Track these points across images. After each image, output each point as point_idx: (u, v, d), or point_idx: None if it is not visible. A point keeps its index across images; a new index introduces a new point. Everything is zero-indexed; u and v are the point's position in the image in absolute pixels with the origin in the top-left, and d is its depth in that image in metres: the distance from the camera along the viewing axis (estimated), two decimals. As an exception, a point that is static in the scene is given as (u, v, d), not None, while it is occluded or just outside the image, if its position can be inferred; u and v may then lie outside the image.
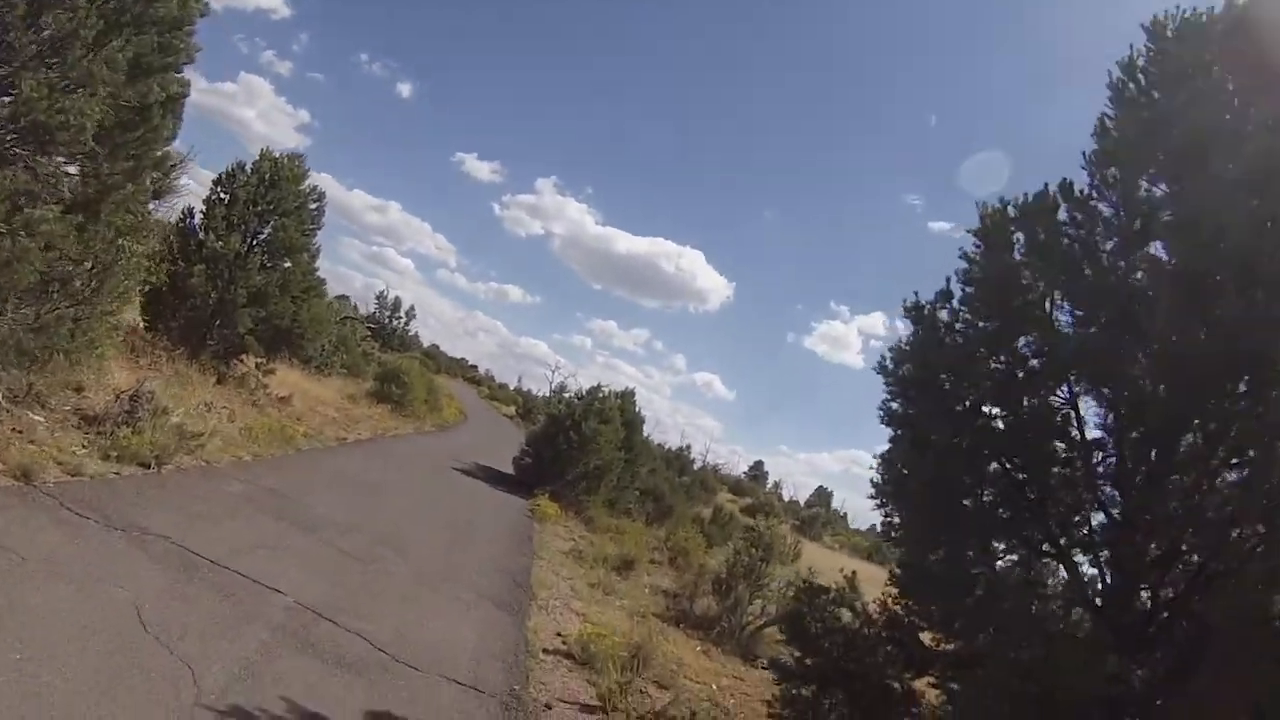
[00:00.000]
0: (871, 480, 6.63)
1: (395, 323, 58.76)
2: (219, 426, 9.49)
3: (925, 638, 6.33)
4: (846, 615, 6.36)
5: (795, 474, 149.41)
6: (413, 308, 61.68)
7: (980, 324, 6.19)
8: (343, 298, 41.57)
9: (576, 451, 17.18)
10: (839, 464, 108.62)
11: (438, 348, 77.86)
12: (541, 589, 8.77)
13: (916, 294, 6.36)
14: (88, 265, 7.02)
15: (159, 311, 13.31)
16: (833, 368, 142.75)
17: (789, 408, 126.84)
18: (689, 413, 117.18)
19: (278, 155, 14.52)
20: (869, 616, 6.45)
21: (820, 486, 62.26)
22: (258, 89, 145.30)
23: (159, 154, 6.98)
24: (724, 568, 11.57)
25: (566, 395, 19.87)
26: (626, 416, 18.99)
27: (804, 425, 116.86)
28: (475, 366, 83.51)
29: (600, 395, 18.74)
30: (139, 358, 11.74)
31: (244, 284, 13.22)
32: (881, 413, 6.46)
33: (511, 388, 71.30)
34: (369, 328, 38.38)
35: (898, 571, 6.46)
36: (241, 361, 14.59)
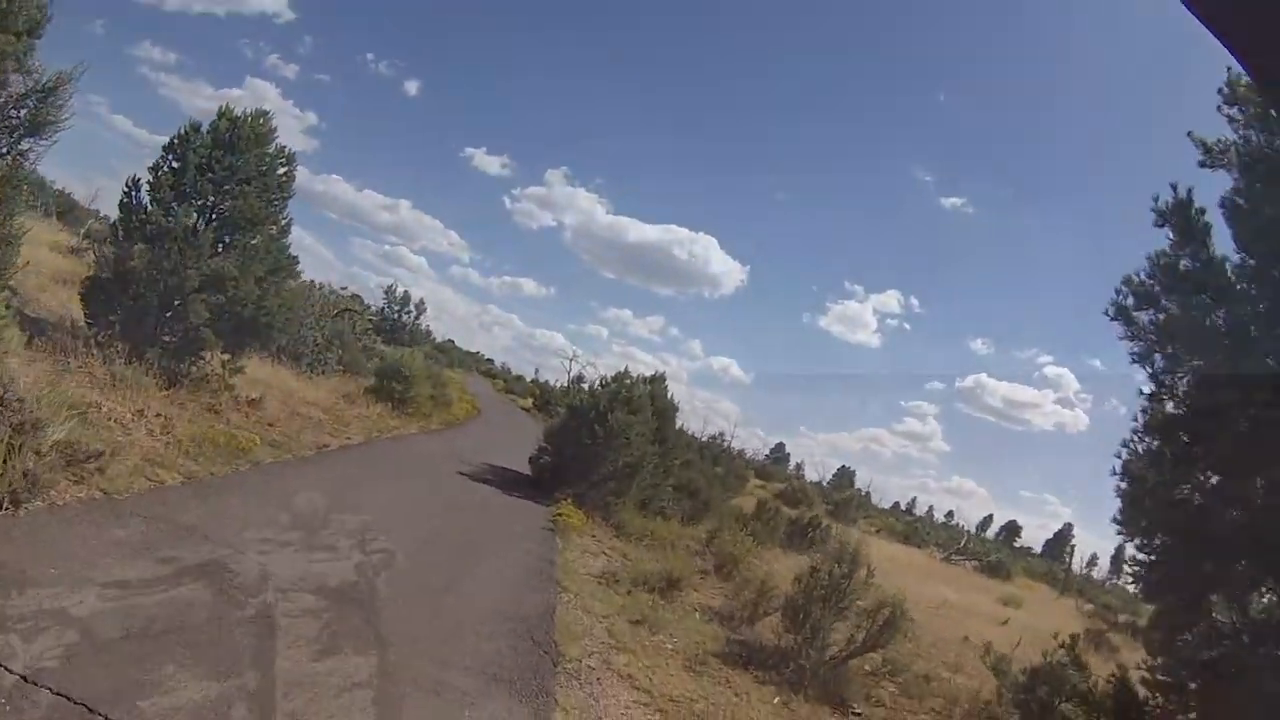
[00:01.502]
0: (1117, 488, 4.22)
1: (405, 318, 56.29)
2: (139, 440, 7.20)
3: None
4: (1072, 709, 3.98)
5: (815, 454, 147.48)
6: (422, 301, 59.05)
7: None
8: (355, 297, 39.25)
9: (603, 447, 14.74)
10: (859, 442, 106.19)
11: (453, 343, 76.03)
12: (571, 642, 6.44)
13: (1174, 186, 3.95)
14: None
15: (102, 303, 11.09)
16: (849, 347, 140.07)
17: (807, 389, 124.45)
18: (707, 398, 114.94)
19: (238, 114, 12.20)
20: (1099, 702, 4.07)
21: (842, 466, 60.00)
22: (264, 93, 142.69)
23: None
24: (797, 590, 9.21)
25: (586, 384, 17.37)
26: (658, 405, 16.46)
27: (823, 406, 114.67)
28: (491, 360, 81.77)
29: (628, 382, 16.23)
30: (68, 358, 9.54)
31: (196, 265, 10.90)
32: (1148, 382, 4.05)
33: (528, 380, 69.30)
34: (371, 321, 36.05)
35: (1152, 634, 4.08)
36: (205, 360, 12.32)
